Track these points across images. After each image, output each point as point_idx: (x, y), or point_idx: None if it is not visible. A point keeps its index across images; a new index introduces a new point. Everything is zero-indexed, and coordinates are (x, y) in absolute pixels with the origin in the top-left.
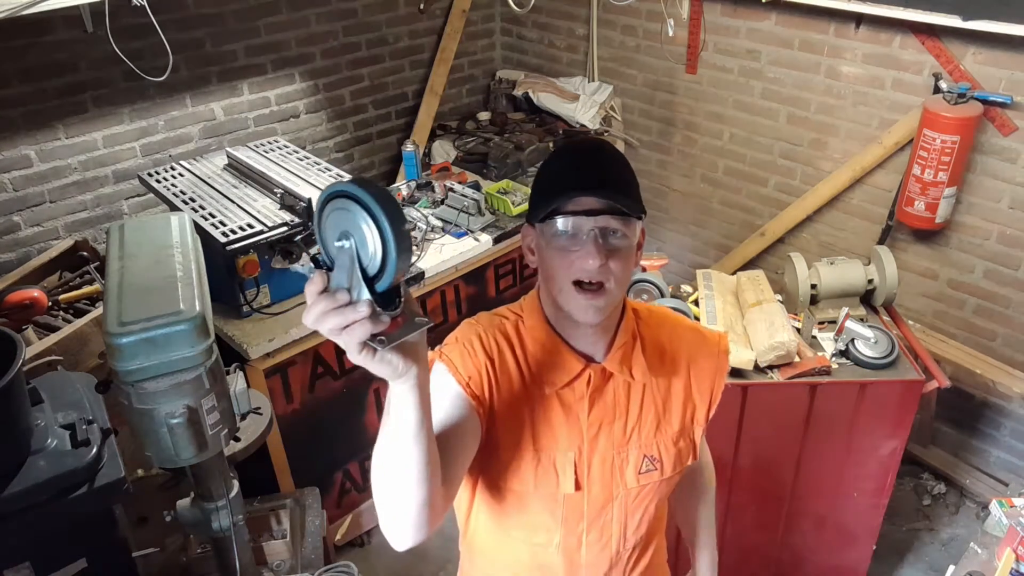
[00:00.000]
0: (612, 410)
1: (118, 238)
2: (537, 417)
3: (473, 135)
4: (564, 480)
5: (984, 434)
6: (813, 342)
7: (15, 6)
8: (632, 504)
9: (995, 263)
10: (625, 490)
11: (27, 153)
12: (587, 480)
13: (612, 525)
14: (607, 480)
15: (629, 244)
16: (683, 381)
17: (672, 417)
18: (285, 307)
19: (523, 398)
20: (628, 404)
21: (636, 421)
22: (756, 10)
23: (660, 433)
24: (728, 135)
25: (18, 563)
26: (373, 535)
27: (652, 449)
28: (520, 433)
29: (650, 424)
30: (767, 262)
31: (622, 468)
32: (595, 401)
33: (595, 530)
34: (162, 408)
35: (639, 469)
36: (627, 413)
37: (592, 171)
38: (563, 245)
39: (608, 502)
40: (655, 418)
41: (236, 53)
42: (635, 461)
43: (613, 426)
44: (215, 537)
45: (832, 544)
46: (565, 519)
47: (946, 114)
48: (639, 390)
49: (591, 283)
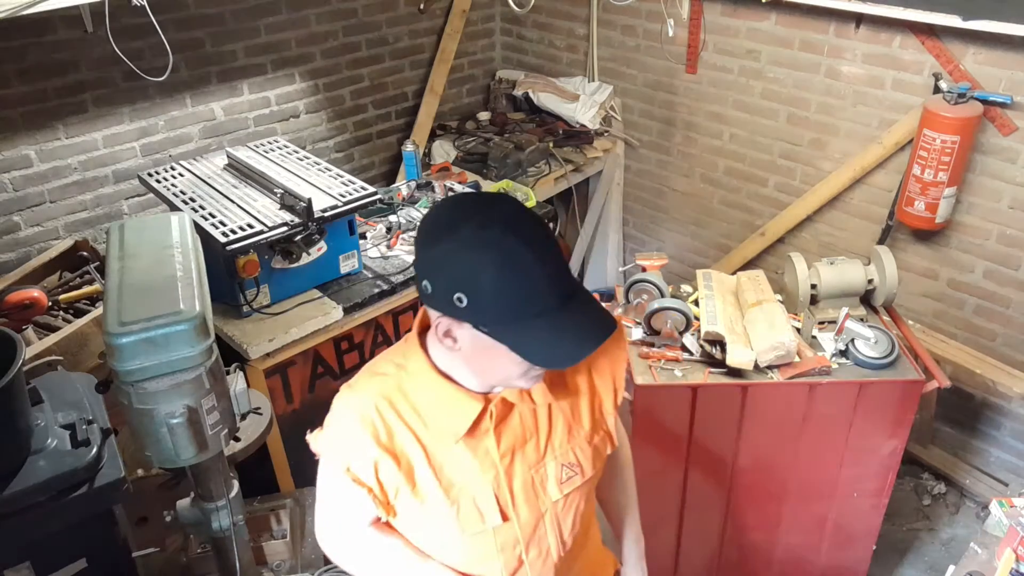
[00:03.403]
0: (522, 434)
1: (118, 238)
2: (444, 470)
3: (473, 135)
4: (489, 515)
5: (984, 434)
6: (813, 342)
7: (15, 6)
8: (562, 512)
9: (995, 263)
10: (551, 503)
11: (27, 153)
12: (512, 507)
13: (548, 537)
14: (532, 500)
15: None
16: (585, 379)
17: (582, 419)
18: (285, 307)
19: (424, 456)
20: (536, 422)
21: (547, 435)
22: (756, 10)
23: (573, 438)
24: (728, 135)
25: (18, 563)
26: None
27: (568, 456)
28: (430, 491)
29: (561, 434)
30: (767, 262)
31: (543, 484)
32: (502, 432)
33: (533, 548)
34: (162, 408)
35: (560, 479)
36: (537, 431)
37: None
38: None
39: (539, 519)
40: (565, 426)
41: (236, 53)
42: (555, 473)
43: (526, 448)
44: (215, 537)
45: (832, 544)
46: (502, 547)
47: (946, 114)
48: (544, 406)
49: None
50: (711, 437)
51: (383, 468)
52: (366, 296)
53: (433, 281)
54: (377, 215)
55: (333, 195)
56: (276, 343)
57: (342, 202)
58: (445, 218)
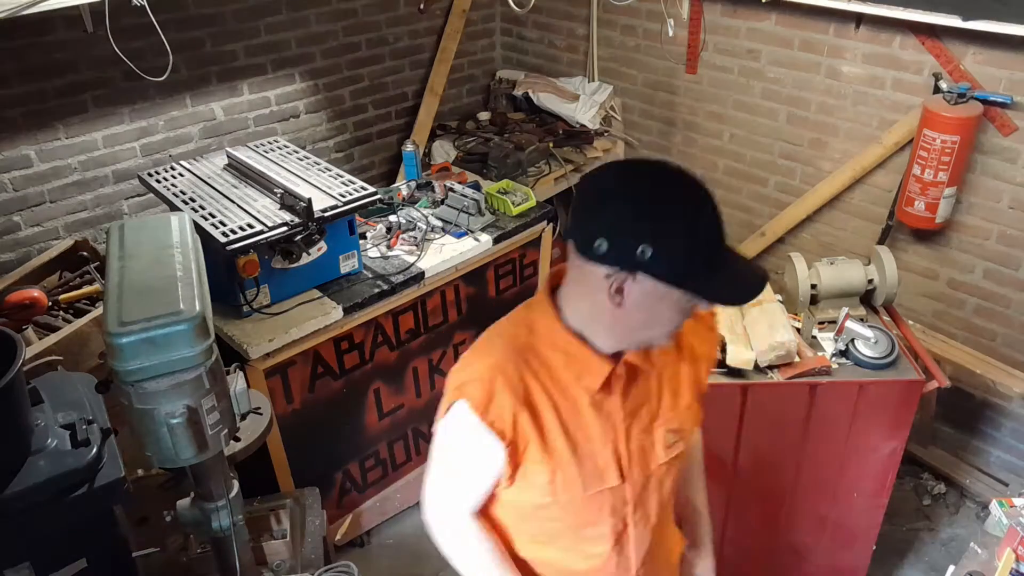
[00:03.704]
0: (639, 398)
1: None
2: (572, 426)
3: (473, 135)
4: (609, 475)
5: (984, 434)
6: (813, 342)
7: (15, 6)
8: (666, 476)
9: (995, 263)
10: (658, 466)
11: (27, 153)
12: (628, 469)
13: (651, 500)
14: (644, 463)
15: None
16: (686, 350)
17: (684, 387)
18: (285, 307)
19: (555, 413)
20: (649, 389)
21: (657, 402)
22: (756, 10)
23: (677, 403)
24: (728, 135)
25: (18, 563)
26: (373, 535)
27: (673, 422)
28: (559, 447)
29: (668, 400)
30: (767, 262)
31: (653, 447)
32: (627, 394)
33: (639, 510)
34: (162, 408)
35: (666, 444)
36: (649, 397)
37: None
38: (689, 306)
39: (646, 481)
40: (672, 393)
41: (236, 53)
42: (662, 438)
43: (641, 412)
44: (215, 537)
45: (832, 544)
46: (613, 509)
47: (946, 114)
48: (656, 373)
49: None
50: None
51: (520, 422)
52: (366, 296)
53: (610, 238)
54: (377, 215)
55: (333, 195)
56: (276, 343)
57: (342, 202)
58: (615, 179)
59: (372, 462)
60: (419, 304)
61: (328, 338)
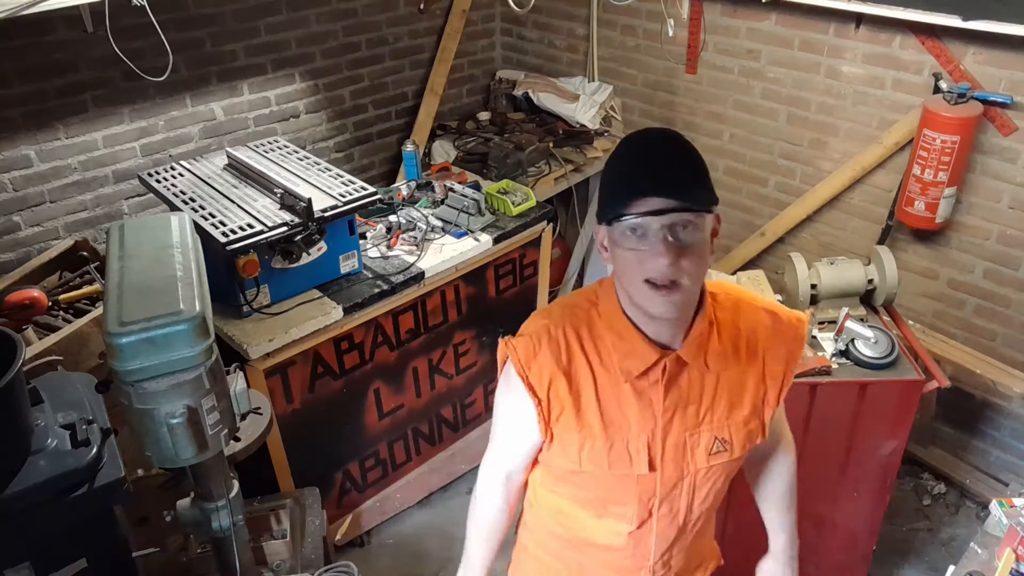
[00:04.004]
0: (686, 396)
1: (118, 238)
2: (609, 404)
3: (473, 135)
4: (638, 462)
5: (984, 434)
6: (813, 342)
7: (15, 6)
8: (701, 481)
9: (995, 263)
10: (695, 469)
11: (27, 153)
12: (660, 461)
13: (681, 499)
14: (679, 461)
15: (701, 238)
16: (758, 364)
17: (745, 400)
18: (285, 307)
19: (594, 387)
20: (702, 390)
21: (710, 405)
22: (756, 10)
23: (732, 416)
24: (728, 135)
25: (18, 563)
26: (373, 535)
27: (724, 431)
28: (591, 420)
29: (723, 408)
30: (767, 262)
31: (693, 449)
32: (670, 388)
33: (666, 504)
34: (162, 408)
35: (710, 450)
36: (701, 398)
37: (656, 168)
38: (633, 246)
39: (679, 480)
40: (728, 402)
41: (236, 53)
42: (706, 443)
43: (687, 410)
44: (215, 537)
45: (832, 544)
46: (639, 496)
47: (946, 114)
48: (714, 376)
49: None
50: None
51: (556, 386)
52: (366, 296)
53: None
54: (377, 215)
55: (333, 195)
56: (276, 343)
57: (342, 202)
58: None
59: (372, 462)
60: (419, 304)
61: (328, 338)
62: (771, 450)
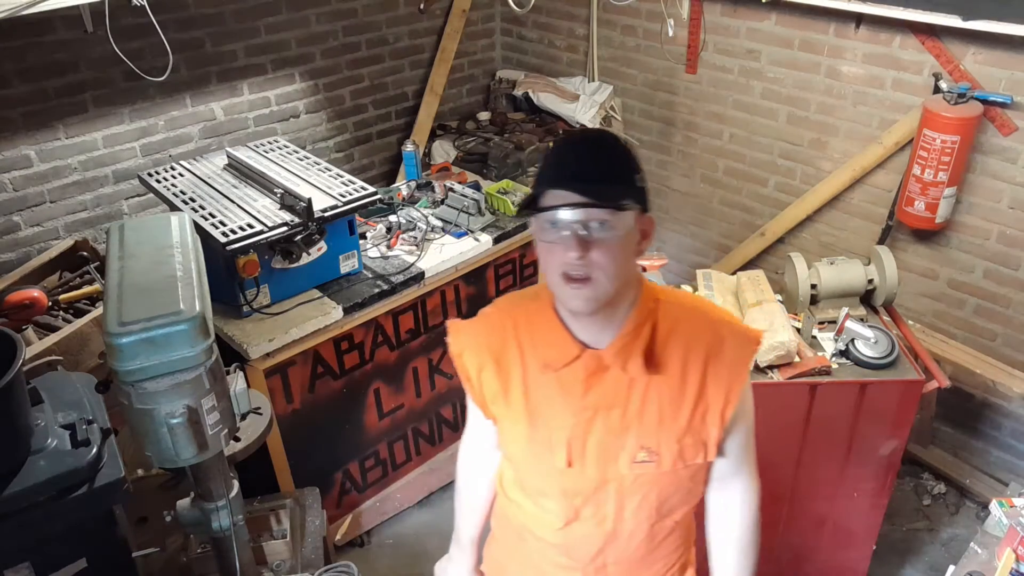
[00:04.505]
0: (611, 398)
1: (118, 238)
2: (535, 394)
3: (473, 135)
4: (556, 455)
5: (984, 434)
6: (813, 342)
7: (15, 6)
8: (629, 489)
9: (995, 263)
10: (619, 475)
11: (27, 153)
12: (581, 459)
13: (608, 505)
14: (602, 463)
15: (615, 235)
16: (697, 377)
17: (679, 413)
18: (285, 307)
19: (523, 375)
20: (629, 395)
21: (637, 412)
22: (756, 10)
23: (663, 428)
24: (728, 135)
25: (18, 563)
26: (373, 535)
27: (651, 442)
28: (517, 407)
29: (652, 417)
30: (767, 262)
31: (617, 454)
32: (592, 386)
33: (592, 506)
34: (162, 408)
35: (634, 458)
36: (627, 403)
37: (570, 165)
38: (549, 239)
39: (604, 483)
40: (658, 412)
41: (236, 53)
42: (631, 450)
43: (611, 413)
44: (215, 537)
45: (832, 544)
46: (563, 491)
47: (946, 114)
48: (643, 382)
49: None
50: None
51: (487, 370)
52: (366, 296)
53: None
54: (377, 215)
55: (333, 195)
56: (276, 343)
57: (342, 202)
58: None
59: (372, 462)
60: (419, 304)
61: (328, 338)
62: (728, 482)
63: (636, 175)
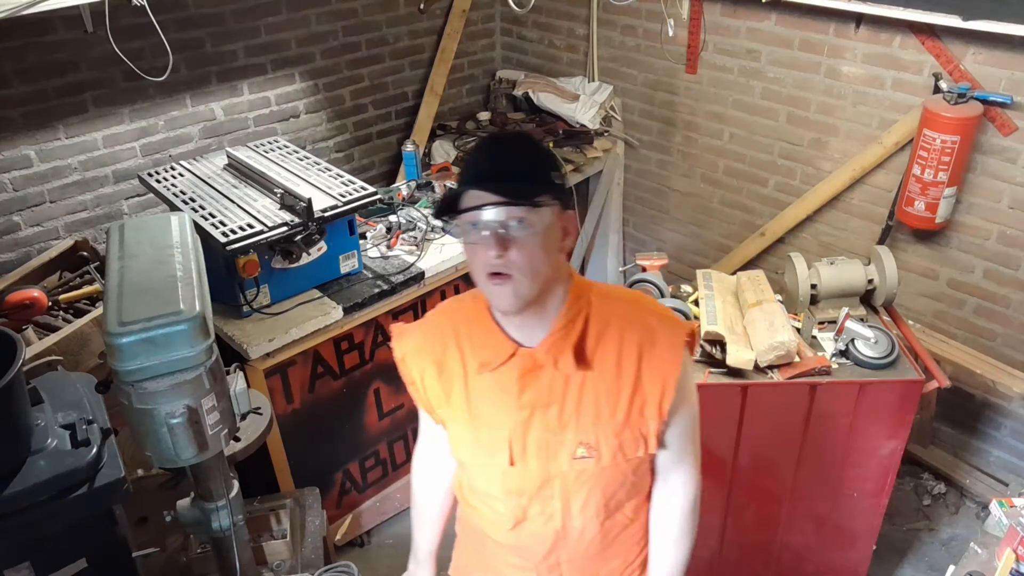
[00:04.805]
0: (547, 396)
1: (118, 238)
2: (475, 395)
3: (473, 135)
4: (498, 454)
5: (984, 434)
6: (813, 342)
7: (15, 6)
8: (574, 486)
9: (995, 263)
10: (562, 472)
11: (27, 153)
12: (523, 458)
13: (554, 502)
14: (543, 460)
15: (532, 232)
16: (632, 371)
17: (617, 408)
18: (285, 307)
19: (464, 377)
20: (565, 392)
21: (574, 408)
22: (756, 10)
23: (600, 422)
24: (728, 135)
25: (18, 563)
26: (373, 535)
27: (590, 437)
28: (459, 409)
29: (589, 412)
30: (767, 262)
31: (557, 451)
32: (527, 385)
33: (538, 504)
34: (162, 408)
35: (573, 455)
36: (564, 399)
37: (486, 165)
38: (470, 240)
39: (547, 481)
40: (594, 407)
41: (236, 53)
42: (570, 446)
43: (548, 410)
44: (215, 537)
45: (832, 544)
46: (508, 491)
47: (946, 114)
48: (578, 378)
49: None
50: (711, 437)
51: (428, 374)
52: (366, 296)
53: None
54: (377, 215)
55: (333, 195)
56: (276, 343)
57: (342, 202)
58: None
59: (372, 462)
60: (419, 304)
61: (328, 338)
62: (668, 474)
63: (552, 172)
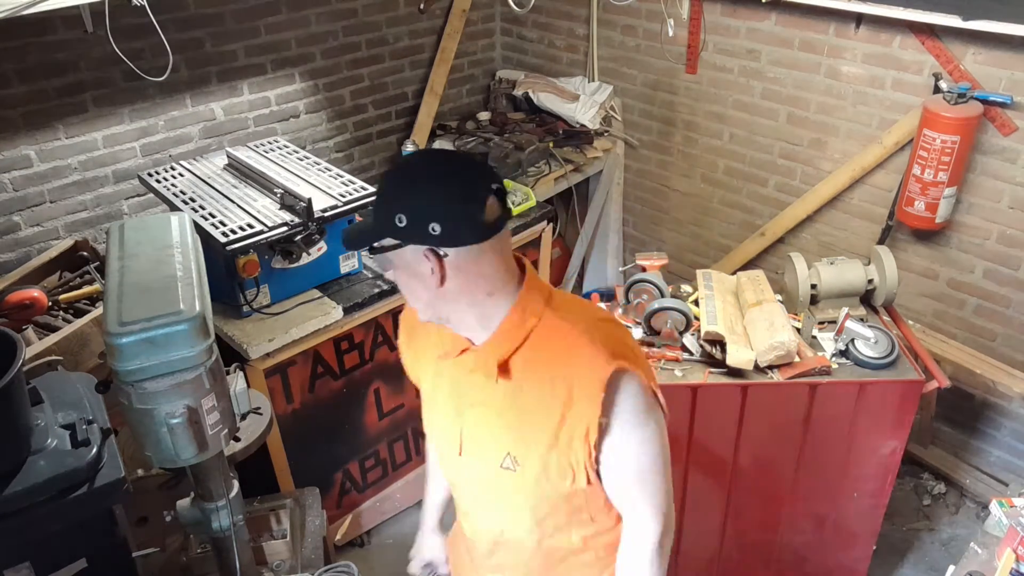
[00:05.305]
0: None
1: (118, 238)
2: (437, 380)
3: (473, 135)
4: (451, 442)
5: (984, 434)
6: (813, 342)
7: (15, 6)
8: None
9: (995, 263)
10: (492, 476)
11: (27, 153)
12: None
13: (490, 506)
14: (481, 459)
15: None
16: (561, 400)
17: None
18: (285, 307)
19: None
20: (502, 398)
21: (507, 416)
22: (756, 10)
23: (525, 436)
24: (728, 135)
25: (18, 563)
26: (373, 535)
27: (518, 450)
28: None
29: (515, 422)
30: (767, 262)
31: (489, 454)
32: (473, 382)
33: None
34: (162, 408)
35: (500, 463)
36: (500, 406)
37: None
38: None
39: (483, 481)
40: (519, 419)
41: (236, 53)
42: (499, 453)
43: (488, 411)
44: (215, 537)
45: (832, 544)
46: (458, 481)
47: (946, 114)
48: (513, 388)
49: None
50: (711, 437)
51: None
52: (366, 296)
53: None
54: None
55: (333, 195)
56: (276, 343)
57: (342, 202)
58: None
59: (372, 462)
60: None
61: (328, 338)
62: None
63: (396, 215)
